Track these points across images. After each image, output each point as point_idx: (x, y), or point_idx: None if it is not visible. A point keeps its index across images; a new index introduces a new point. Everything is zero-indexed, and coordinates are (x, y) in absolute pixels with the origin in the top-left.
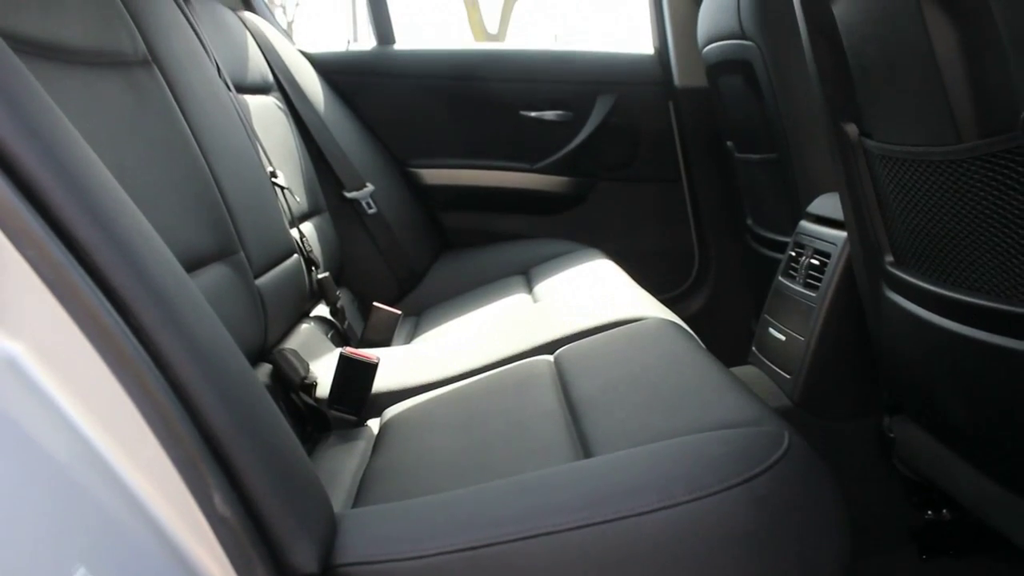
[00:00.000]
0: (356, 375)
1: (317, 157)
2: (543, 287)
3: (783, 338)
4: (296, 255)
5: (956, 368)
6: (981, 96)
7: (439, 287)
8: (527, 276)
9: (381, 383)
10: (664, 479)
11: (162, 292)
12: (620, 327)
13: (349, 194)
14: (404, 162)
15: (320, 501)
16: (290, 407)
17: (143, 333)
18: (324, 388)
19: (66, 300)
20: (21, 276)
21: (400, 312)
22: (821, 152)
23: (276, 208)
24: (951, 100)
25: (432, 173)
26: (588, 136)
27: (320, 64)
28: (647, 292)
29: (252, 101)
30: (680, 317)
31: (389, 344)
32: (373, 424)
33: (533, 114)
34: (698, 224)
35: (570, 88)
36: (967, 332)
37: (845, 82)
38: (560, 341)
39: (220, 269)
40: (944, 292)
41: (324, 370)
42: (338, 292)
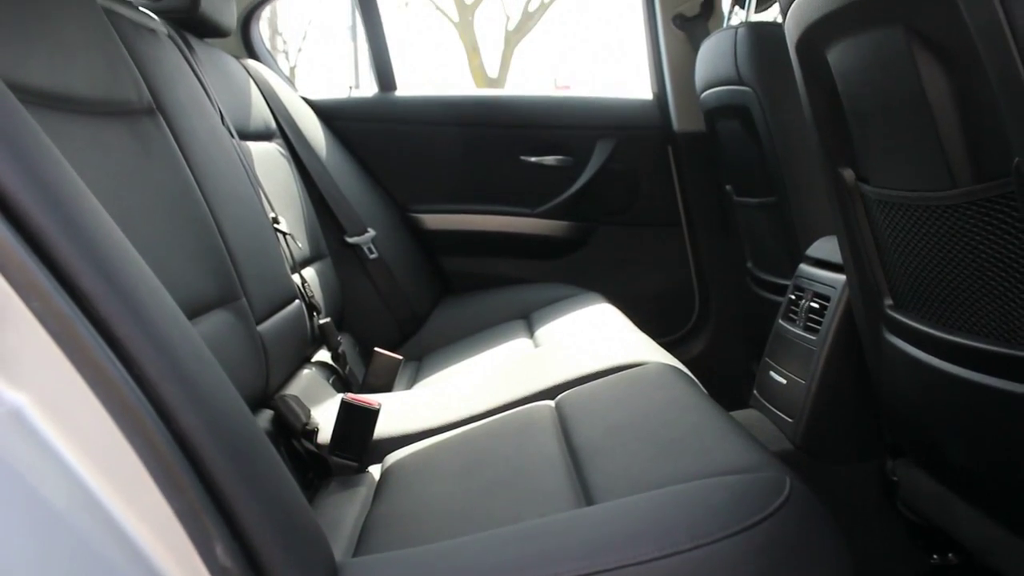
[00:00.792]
0: (357, 421)
1: (319, 202)
2: (544, 331)
3: (784, 381)
4: (297, 300)
5: (957, 411)
6: (974, 142)
7: (440, 331)
8: (528, 320)
9: (382, 429)
10: (665, 527)
11: (166, 342)
12: (621, 372)
13: (350, 239)
14: (405, 207)
15: (321, 550)
16: (291, 453)
17: (147, 384)
18: (325, 434)
19: (71, 351)
20: (27, 328)
21: (401, 357)
22: (819, 196)
23: (278, 254)
24: (945, 146)
25: (433, 218)
26: (588, 181)
27: (322, 110)
28: (648, 336)
29: (255, 147)
30: (681, 360)
31: (390, 389)
32: (374, 470)
33: (533, 159)
34: (698, 267)
35: (570, 133)
36: (967, 375)
37: (841, 128)
38: (561, 386)
39: (222, 315)
40: (943, 335)
41: (325, 416)
42: (339, 337)
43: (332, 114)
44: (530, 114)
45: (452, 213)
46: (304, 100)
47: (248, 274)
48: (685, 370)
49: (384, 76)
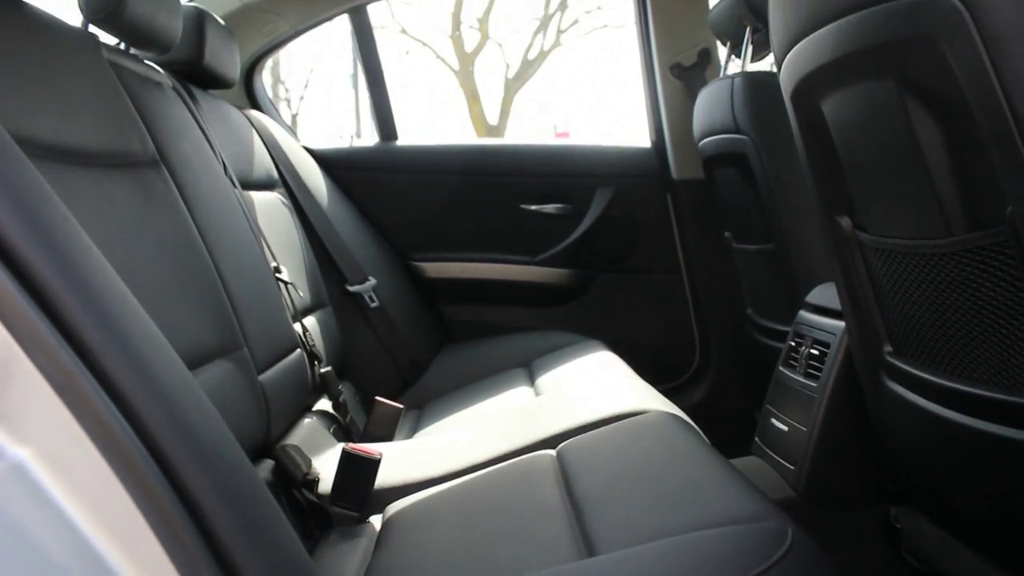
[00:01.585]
0: (358, 471)
1: (320, 251)
2: (545, 380)
3: (785, 428)
4: (299, 349)
5: (958, 457)
6: (968, 191)
7: (441, 380)
8: (529, 368)
9: (383, 479)
10: None
11: (169, 397)
12: (622, 421)
13: (352, 288)
14: (406, 255)
15: None
16: (292, 504)
17: (150, 438)
18: (326, 484)
19: (75, 406)
20: (31, 382)
21: (402, 406)
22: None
23: (279, 303)
24: (940, 194)
25: (434, 267)
26: (587, 229)
27: (324, 159)
28: (648, 384)
29: (257, 197)
30: (682, 407)
31: (391, 439)
32: (375, 520)
33: (533, 207)
34: (698, 314)
35: (569, 182)
36: (967, 422)
37: (837, 176)
38: (563, 435)
39: (224, 366)
40: (943, 382)
41: (326, 466)
42: (340, 386)
43: (334, 163)
44: (530, 163)
45: (453, 261)
46: (306, 149)
47: (250, 324)
48: (686, 418)
49: (385, 126)
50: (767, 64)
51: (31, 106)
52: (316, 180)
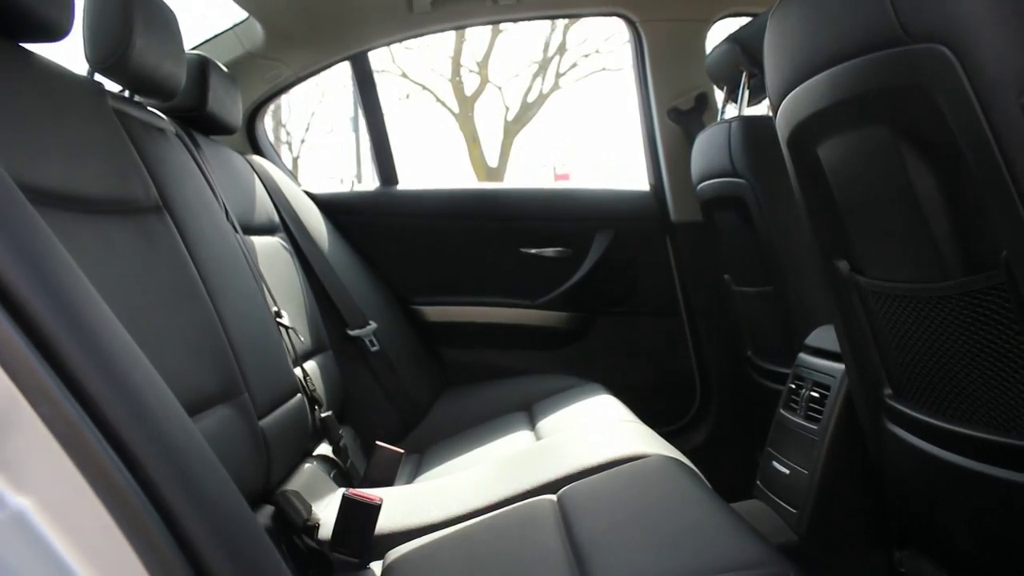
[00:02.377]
0: (359, 516)
1: (321, 295)
2: (546, 424)
3: (787, 471)
4: (299, 394)
5: (960, 500)
6: (964, 235)
7: (442, 424)
8: (530, 412)
9: (384, 524)
10: None
11: (171, 446)
12: (623, 465)
13: (352, 332)
14: (407, 299)
15: None
16: (292, 550)
17: (151, 488)
18: (327, 530)
19: (78, 456)
20: (34, 432)
21: (402, 451)
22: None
23: (280, 348)
24: (935, 239)
25: (434, 310)
26: (587, 272)
27: (325, 204)
28: (649, 427)
29: (258, 242)
30: (683, 450)
31: (392, 484)
32: (376, 567)
33: (533, 251)
34: (698, 356)
35: (568, 225)
36: (967, 464)
37: (834, 220)
38: (563, 480)
39: (224, 411)
40: (943, 424)
41: (327, 511)
42: (341, 430)
43: (335, 208)
44: (529, 206)
45: (453, 305)
46: (307, 194)
47: (250, 369)
48: (687, 462)
49: (385, 171)
50: (764, 108)
51: (37, 154)
52: (317, 224)
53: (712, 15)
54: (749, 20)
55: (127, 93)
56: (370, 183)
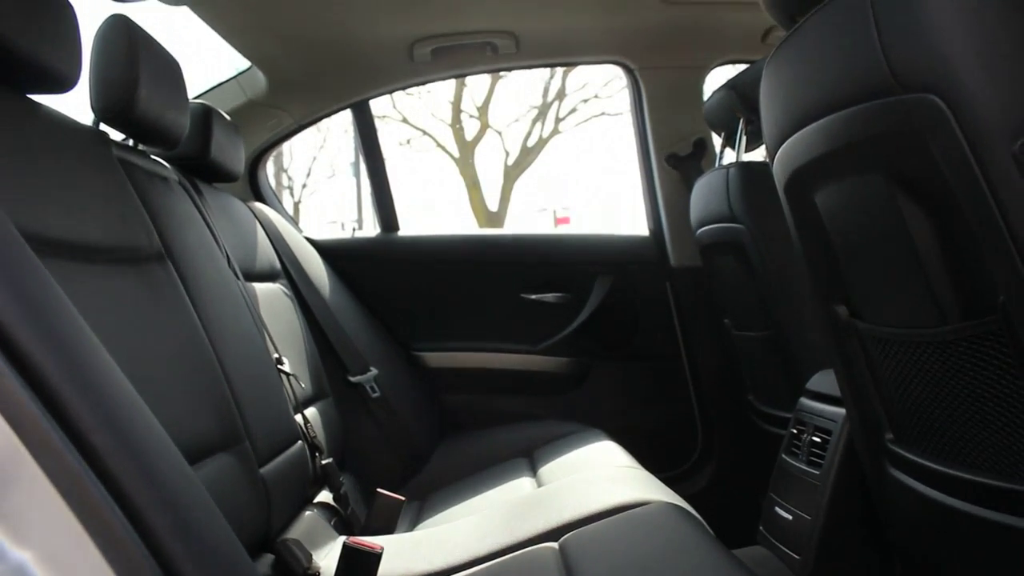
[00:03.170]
0: (360, 565)
1: (322, 341)
2: (547, 470)
3: (790, 517)
4: (300, 441)
5: (963, 544)
6: (960, 280)
7: (443, 470)
8: (531, 458)
9: (385, 572)
10: None
11: (172, 496)
12: (624, 512)
13: (353, 378)
14: (408, 345)
15: None
16: None
17: (152, 539)
18: None
19: (78, 509)
20: (36, 485)
21: (403, 498)
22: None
23: (281, 395)
24: (932, 284)
25: (435, 356)
26: (588, 317)
27: (326, 250)
28: (650, 472)
29: (260, 288)
30: (685, 495)
31: (392, 531)
32: None
33: (533, 296)
34: (700, 401)
35: (569, 270)
36: (970, 509)
37: (833, 266)
38: (565, 528)
39: (225, 459)
40: (945, 469)
41: (327, 559)
42: (341, 477)
43: (336, 253)
44: (529, 252)
45: (454, 351)
46: (308, 240)
47: (251, 417)
48: (689, 508)
49: (386, 217)
50: (762, 153)
51: (41, 203)
52: (318, 270)
53: (709, 63)
54: (745, 67)
55: (131, 142)
56: (371, 228)
